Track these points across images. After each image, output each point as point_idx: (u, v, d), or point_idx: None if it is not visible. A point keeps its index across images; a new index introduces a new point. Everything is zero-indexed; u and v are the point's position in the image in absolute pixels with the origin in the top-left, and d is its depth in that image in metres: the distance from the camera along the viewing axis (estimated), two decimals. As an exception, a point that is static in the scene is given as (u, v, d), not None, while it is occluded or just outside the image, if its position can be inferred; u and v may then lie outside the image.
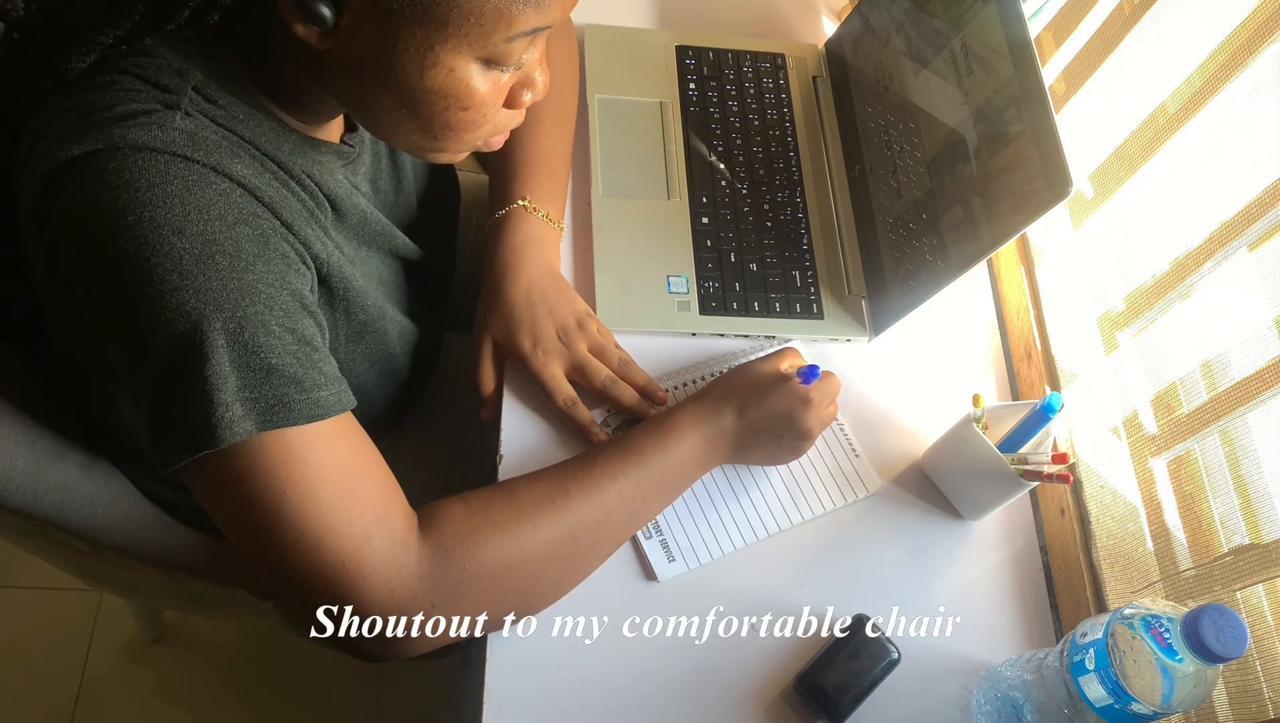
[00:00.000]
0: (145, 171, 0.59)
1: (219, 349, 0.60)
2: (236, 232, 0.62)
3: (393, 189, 0.87)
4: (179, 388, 0.61)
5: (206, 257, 0.60)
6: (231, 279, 0.61)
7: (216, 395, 0.60)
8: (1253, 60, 0.78)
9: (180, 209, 0.59)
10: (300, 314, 0.65)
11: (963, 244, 0.87)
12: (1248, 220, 0.78)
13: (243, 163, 0.64)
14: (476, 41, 0.61)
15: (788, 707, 0.79)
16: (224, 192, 0.62)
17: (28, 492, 0.83)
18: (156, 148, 0.60)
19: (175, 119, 0.62)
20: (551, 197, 0.93)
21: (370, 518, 0.66)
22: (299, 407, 0.63)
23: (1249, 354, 0.78)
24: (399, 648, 0.69)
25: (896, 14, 1.02)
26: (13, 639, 1.48)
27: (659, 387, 0.88)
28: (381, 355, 0.85)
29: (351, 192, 0.77)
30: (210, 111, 0.64)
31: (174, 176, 0.60)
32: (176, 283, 0.59)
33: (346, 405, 0.67)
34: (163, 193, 0.59)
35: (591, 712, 0.77)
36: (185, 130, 0.62)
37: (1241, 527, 0.78)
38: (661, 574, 0.82)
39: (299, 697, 1.48)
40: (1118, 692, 0.67)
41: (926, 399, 0.95)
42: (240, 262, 0.61)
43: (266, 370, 0.62)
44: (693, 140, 1.04)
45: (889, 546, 0.88)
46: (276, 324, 0.63)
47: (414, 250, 0.87)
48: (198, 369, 0.60)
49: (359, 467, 0.67)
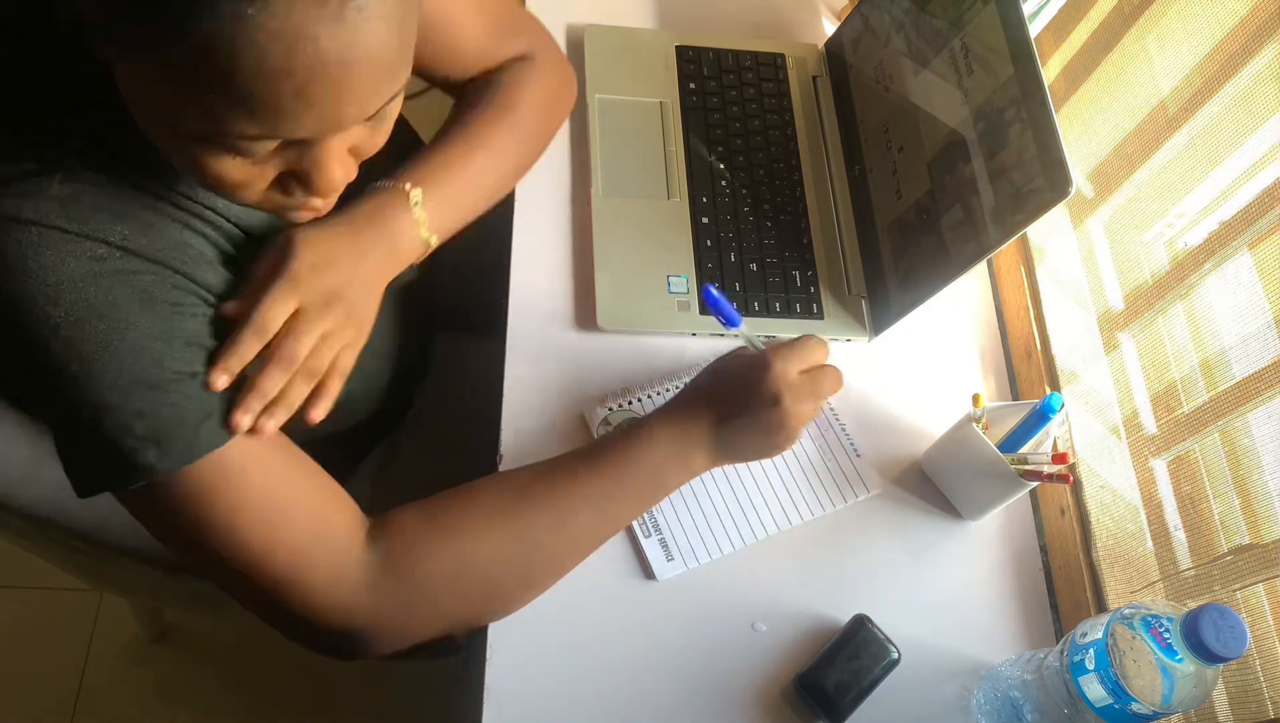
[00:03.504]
0: (17, 245, 0.58)
1: (113, 407, 0.60)
2: (114, 295, 0.60)
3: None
4: (83, 436, 0.61)
5: (83, 322, 0.59)
6: (116, 341, 0.60)
7: (122, 442, 0.60)
8: (1252, 60, 0.78)
9: (53, 279, 0.58)
10: (198, 353, 0.64)
11: (963, 244, 0.87)
12: (1248, 220, 0.78)
13: (125, 224, 0.61)
14: (196, 134, 0.55)
15: (788, 707, 0.79)
16: (100, 257, 0.60)
17: (28, 492, 0.83)
18: (29, 220, 0.58)
19: (52, 186, 0.59)
20: (447, 206, 0.80)
21: (305, 536, 0.66)
22: (202, 440, 0.62)
23: (1249, 354, 0.78)
24: (357, 650, 0.69)
25: (896, 14, 1.02)
26: (13, 639, 1.48)
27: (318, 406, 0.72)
28: (361, 367, 0.78)
29: (269, 215, 0.70)
30: (88, 177, 0.60)
31: (45, 247, 0.58)
32: (59, 350, 0.59)
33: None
34: (35, 265, 0.58)
35: (591, 712, 0.77)
36: (59, 198, 0.59)
37: (1241, 527, 0.78)
38: (660, 574, 0.82)
39: (299, 697, 1.48)
40: (1118, 692, 0.67)
41: (926, 399, 0.95)
42: (120, 324, 0.60)
43: (164, 416, 0.61)
44: (693, 140, 1.04)
45: (889, 546, 0.88)
46: (171, 372, 0.62)
47: None
48: (96, 422, 0.60)
49: (284, 487, 0.67)
